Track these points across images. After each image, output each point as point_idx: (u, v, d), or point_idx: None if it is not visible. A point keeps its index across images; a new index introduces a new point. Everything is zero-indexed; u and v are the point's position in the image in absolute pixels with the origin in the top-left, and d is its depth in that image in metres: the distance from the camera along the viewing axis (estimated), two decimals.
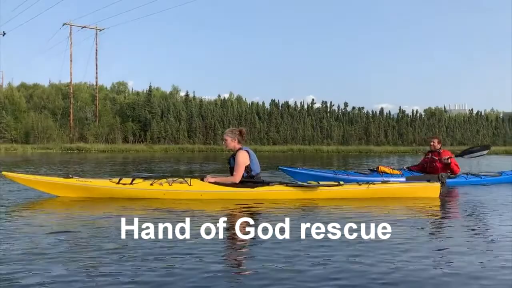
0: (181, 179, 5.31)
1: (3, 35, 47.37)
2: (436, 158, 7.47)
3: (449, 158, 7.43)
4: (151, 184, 5.18)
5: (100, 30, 48.56)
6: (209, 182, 5.23)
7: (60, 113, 48.29)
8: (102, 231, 3.60)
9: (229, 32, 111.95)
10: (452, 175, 7.42)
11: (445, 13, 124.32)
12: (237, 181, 5.20)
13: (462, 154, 8.31)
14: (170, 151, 42.19)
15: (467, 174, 7.88)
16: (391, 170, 7.26)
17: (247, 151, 5.32)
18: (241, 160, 5.22)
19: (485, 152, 8.19)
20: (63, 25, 46.88)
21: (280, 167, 7.75)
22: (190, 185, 5.18)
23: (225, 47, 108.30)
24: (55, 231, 3.54)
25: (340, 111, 61.47)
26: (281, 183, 5.57)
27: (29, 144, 42.37)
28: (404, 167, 7.99)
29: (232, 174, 5.27)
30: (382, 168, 7.27)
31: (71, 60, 47.79)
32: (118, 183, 5.18)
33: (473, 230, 3.88)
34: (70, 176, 5.43)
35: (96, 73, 49.88)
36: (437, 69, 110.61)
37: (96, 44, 48.86)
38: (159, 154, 33.99)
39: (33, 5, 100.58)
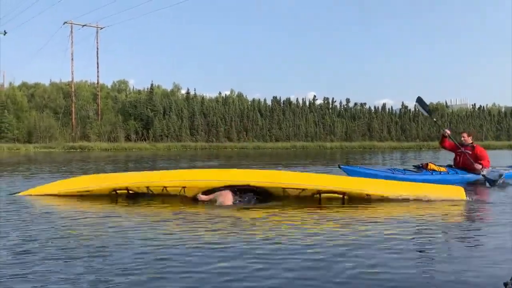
0: None
1: (4, 35, 47.38)
2: (470, 152, 7.12)
3: (481, 162, 7.04)
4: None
5: (101, 28, 48.52)
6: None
7: (62, 112, 48.23)
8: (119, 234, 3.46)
9: (229, 29, 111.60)
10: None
11: (446, 8, 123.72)
12: None
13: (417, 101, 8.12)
14: (173, 149, 42.09)
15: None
16: (438, 167, 7.07)
17: None
18: None
19: (424, 112, 7.96)
20: (63, 23, 46.87)
21: (341, 166, 7.59)
22: None
23: (225, 44, 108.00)
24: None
25: (342, 107, 61.30)
26: None
27: (31, 143, 42.35)
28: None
29: None
30: (431, 166, 7.05)
31: (72, 59, 47.79)
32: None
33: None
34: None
35: (98, 71, 49.88)
36: (437, 64, 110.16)
37: (97, 42, 48.80)
38: (162, 152, 33.89)
39: (33, 4, 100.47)
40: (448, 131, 7.35)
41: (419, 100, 8.07)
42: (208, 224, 3.69)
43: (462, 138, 7.33)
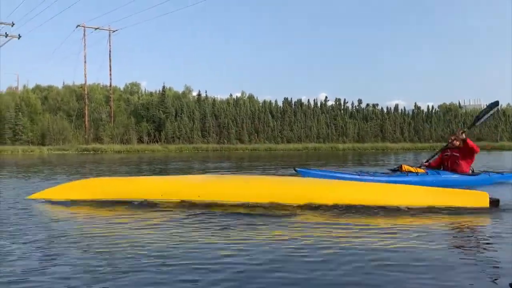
0: None
1: (18, 38, 48.02)
2: (458, 155, 6.87)
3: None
4: None
5: (113, 31, 48.83)
6: None
7: (75, 115, 48.67)
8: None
9: (239, 31, 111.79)
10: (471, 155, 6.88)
11: (458, 7, 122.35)
12: None
13: (473, 123, 7.71)
14: (185, 151, 42.20)
15: (488, 172, 7.25)
16: (416, 168, 6.66)
17: None
18: None
19: (494, 109, 7.46)
20: (76, 27, 47.25)
21: (297, 169, 7.08)
22: None
23: (235, 45, 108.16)
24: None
25: (354, 108, 60.91)
26: None
27: (45, 145, 42.80)
28: (424, 163, 7.31)
29: None
30: (406, 167, 6.63)
31: (85, 62, 48.18)
32: None
33: None
34: None
35: (110, 74, 50.23)
36: (449, 64, 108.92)
37: (110, 45, 49.17)
38: (174, 154, 33.98)
39: (47, 8, 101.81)
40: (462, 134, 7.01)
41: (478, 119, 7.55)
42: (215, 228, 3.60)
43: (454, 140, 7.07)
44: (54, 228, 3.64)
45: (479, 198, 4.59)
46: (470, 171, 6.91)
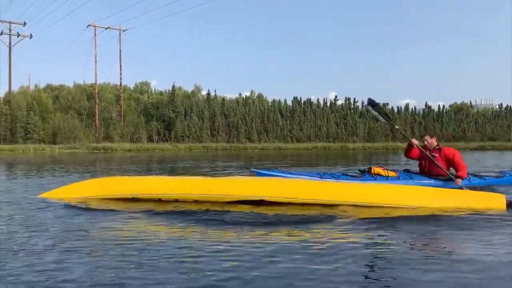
0: None
1: (30, 38, 48.52)
2: (437, 155, 6.22)
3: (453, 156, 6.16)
4: None
5: (124, 30, 49.09)
6: None
7: (86, 114, 49.02)
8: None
9: (248, 30, 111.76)
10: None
11: (468, 5, 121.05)
12: None
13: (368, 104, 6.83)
14: (194, 150, 42.28)
15: (468, 175, 6.56)
16: (386, 171, 6.12)
17: None
18: None
19: (381, 118, 6.67)
20: (87, 26, 47.56)
21: (252, 169, 6.72)
22: None
23: (244, 45, 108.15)
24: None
25: (364, 107, 60.48)
26: None
27: (56, 144, 43.16)
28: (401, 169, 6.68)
29: None
30: (375, 170, 6.12)
31: (96, 61, 48.66)
32: None
33: None
34: None
35: (120, 73, 50.57)
36: (460, 63, 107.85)
37: (120, 44, 49.41)
38: (183, 153, 34.06)
39: (58, 8, 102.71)
40: (415, 141, 6.36)
41: (371, 103, 6.81)
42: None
43: (425, 142, 6.47)
44: (64, 226, 3.63)
45: (495, 200, 4.50)
46: (450, 175, 6.15)
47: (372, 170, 6.10)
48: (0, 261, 2.62)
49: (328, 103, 59.45)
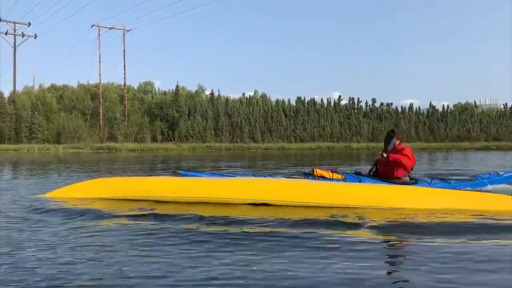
0: None
1: (35, 38, 48.73)
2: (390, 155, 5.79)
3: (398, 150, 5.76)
4: None
5: (127, 30, 49.20)
6: None
7: (90, 113, 49.17)
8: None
9: (251, 30, 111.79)
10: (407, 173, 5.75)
11: (473, 5, 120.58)
12: None
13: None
14: (198, 150, 42.29)
15: (432, 177, 6.11)
16: (330, 173, 5.78)
17: None
18: None
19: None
20: (91, 26, 47.74)
21: (179, 171, 6.45)
22: None
23: (248, 45, 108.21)
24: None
25: (368, 107, 60.36)
26: None
27: (60, 144, 43.32)
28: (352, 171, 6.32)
29: None
30: (318, 172, 5.79)
31: (100, 61, 48.66)
32: None
33: None
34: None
35: (124, 73, 50.60)
36: (464, 63, 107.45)
37: (124, 44, 49.51)
38: (187, 153, 34.07)
39: (62, 8, 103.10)
40: (383, 155, 5.82)
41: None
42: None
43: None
44: (64, 227, 3.60)
45: (503, 202, 4.38)
46: (408, 178, 5.74)
47: (315, 172, 5.78)
48: None
49: (332, 103, 59.38)
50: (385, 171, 5.85)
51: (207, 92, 59.73)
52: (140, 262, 2.58)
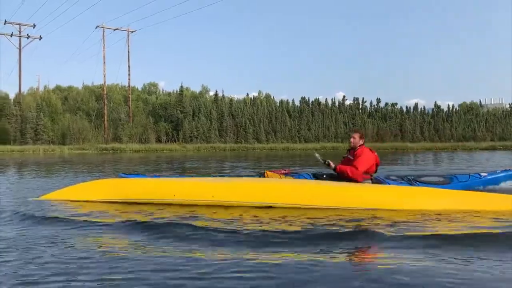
0: None
1: (40, 39, 48.93)
2: (351, 157, 5.50)
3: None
4: None
5: (132, 32, 49.28)
6: None
7: (94, 115, 49.35)
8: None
9: (255, 30, 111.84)
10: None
11: (477, 5, 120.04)
12: None
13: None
14: (202, 150, 42.30)
15: (402, 178, 5.70)
16: (281, 175, 5.56)
17: None
18: None
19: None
20: (96, 28, 47.84)
21: (120, 174, 6.37)
22: None
23: (251, 45, 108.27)
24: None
25: (373, 107, 60.19)
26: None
27: (65, 145, 43.52)
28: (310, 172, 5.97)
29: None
30: (269, 173, 5.67)
31: (104, 62, 48.73)
32: None
33: None
34: None
35: (129, 74, 50.71)
36: (469, 62, 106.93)
37: (128, 46, 49.62)
38: (191, 153, 34.10)
39: (67, 10, 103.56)
40: (331, 164, 5.49)
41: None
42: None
43: (352, 139, 5.71)
44: (64, 228, 3.58)
45: (502, 201, 4.29)
46: (370, 181, 5.37)
47: (266, 174, 5.69)
48: None
49: (336, 103, 59.29)
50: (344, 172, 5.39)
51: (211, 93, 59.94)
52: (138, 264, 2.56)
